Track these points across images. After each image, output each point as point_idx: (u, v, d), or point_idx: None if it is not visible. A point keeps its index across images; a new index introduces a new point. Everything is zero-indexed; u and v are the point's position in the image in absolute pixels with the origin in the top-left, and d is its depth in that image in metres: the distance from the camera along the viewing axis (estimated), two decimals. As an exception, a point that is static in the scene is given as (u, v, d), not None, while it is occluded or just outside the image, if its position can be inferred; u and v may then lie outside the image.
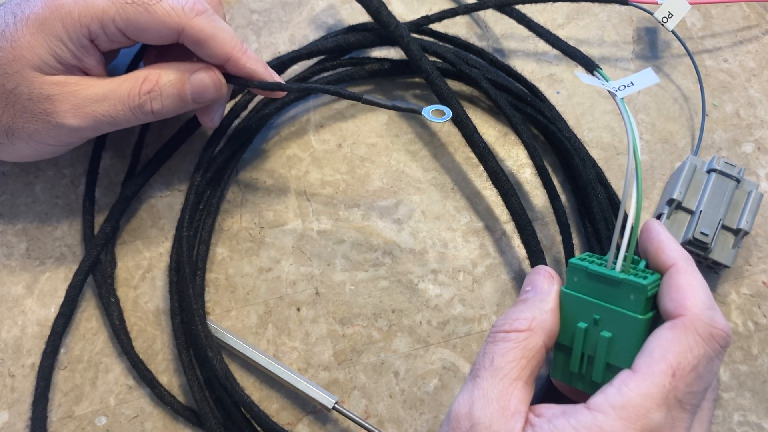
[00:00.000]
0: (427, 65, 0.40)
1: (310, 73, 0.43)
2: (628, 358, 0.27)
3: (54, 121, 0.34)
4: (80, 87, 0.34)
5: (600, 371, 0.28)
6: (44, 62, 0.33)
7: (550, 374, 0.30)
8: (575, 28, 0.45)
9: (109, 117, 0.34)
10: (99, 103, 0.34)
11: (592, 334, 0.29)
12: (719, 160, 0.38)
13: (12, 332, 0.39)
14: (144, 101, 0.35)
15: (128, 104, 0.34)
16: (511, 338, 0.28)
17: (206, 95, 0.36)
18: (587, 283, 0.29)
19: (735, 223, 0.37)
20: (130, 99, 0.34)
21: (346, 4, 0.43)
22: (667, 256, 0.29)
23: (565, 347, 0.29)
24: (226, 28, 0.35)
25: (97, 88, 0.34)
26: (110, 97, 0.34)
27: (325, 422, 0.37)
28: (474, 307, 0.39)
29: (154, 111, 0.35)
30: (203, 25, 0.34)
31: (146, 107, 0.35)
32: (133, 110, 0.35)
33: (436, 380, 0.38)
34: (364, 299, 0.39)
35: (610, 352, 0.28)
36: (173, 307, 0.38)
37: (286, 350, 0.39)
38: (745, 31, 0.45)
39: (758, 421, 0.36)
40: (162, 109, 0.35)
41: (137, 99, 0.35)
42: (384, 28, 0.41)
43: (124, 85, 0.34)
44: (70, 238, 0.41)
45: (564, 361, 0.30)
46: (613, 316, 0.28)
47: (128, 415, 0.38)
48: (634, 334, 0.27)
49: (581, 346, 0.29)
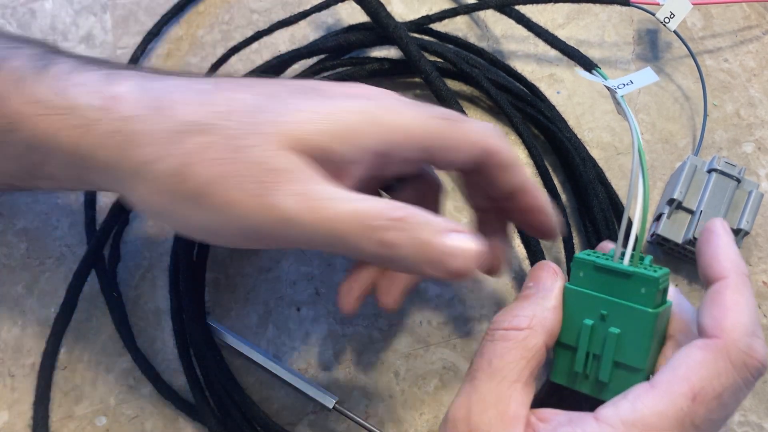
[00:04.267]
0: (426, 65, 0.40)
1: (311, 73, 0.43)
2: (637, 355, 0.27)
3: (269, 200, 0.26)
4: (319, 182, 0.26)
5: (607, 370, 0.28)
6: (308, 142, 0.27)
7: (550, 377, 0.30)
8: (575, 28, 0.45)
9: (331, 225, 0.26)
10: (330, 201, 0.26)
11: (598, 331, 0.28)
12: (720, 160, 0.38)
13: (12, 332, 0.39)
14: (385, 225, 0.26)
15: (362, 220, 0.26)
16: (510, 337, 0.27)
17: (453, 263, 0.26)
18: (594, 278, 0.28)
19: (735, 223, 0.37)
20: (370, 215, 0.26)
21: (346, 4, 0.43)
22: (721, 266, 0.26)
23: (569, 347, 0.29)
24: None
25: (335, 191, 0.27)
26: (345, 204, 0.26)
27: (325, 422, 0.37)
28: (474, 307, 0.39)
29: (385, 242, 0.26)
30: (508, 146, 0.30)
31: (384, 235, 0.26)
32: (361, 229, 0.26)
33: (437, 380, 0.38)
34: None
35: (619, 349, 0.27)
36: (173, 308, 0.38)
37: (286, 350, 0.39)
38: (745, 31, 0.45)
39: (759, 421, 0.36)
40: (395, 246, 0.26)
41: (378, 220, 0.26)
42: (383, 28, 0.41)
43: (368, 201, 0.26)
44: (70, 238, 0.41)
45: (567, 362, 0.29)
46: (623, 311, 0.27)
47: (128, 415, 0.38)
48: (645, 329, 0.27)
49: (587, 344, 0.28)
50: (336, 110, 0.27)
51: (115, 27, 0.47)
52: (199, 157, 0.26)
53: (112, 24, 0.47)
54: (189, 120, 0.27)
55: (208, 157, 0.26)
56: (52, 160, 0.29)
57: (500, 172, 0.30)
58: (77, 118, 0.27)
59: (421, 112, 0.29)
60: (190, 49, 0.46)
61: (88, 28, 0.47)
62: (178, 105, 0.27)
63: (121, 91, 0.28)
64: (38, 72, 0.29)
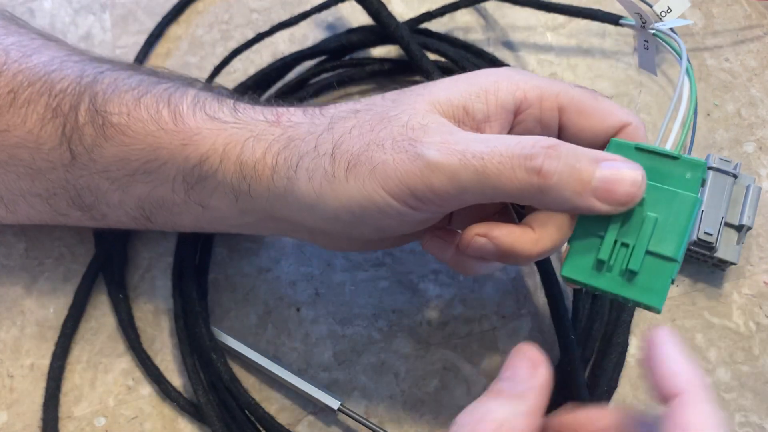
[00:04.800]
0: (428, 65, 0.40)
1: (311, 75, 0.43)
2: (672, 244, 0.25)
3: (413, 151, 0.26)
4: (460, 131, 0.28)
5: (639, 257, 0.26)
6: (449, 102, 0.29)
7: (561, 272, 0.28)
8: (576, 26, 0.45)
9: (479, 163, 0.26)
10: (477, 142, 0.26)
11: (634, 217, 0.26)
12: (714, 158, 0.38)
13: (11, 332, 0.39)
14: (537, 153, 0.26)
15: (515, 151, 0.26)
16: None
17: (618, 190, 0.26)
18: (633, 159, 0.26)
19: (737, 219, 0.37)
20: (520, 146, 0.26)
21: (347, 3, 0.43)
22: (673, 381, 0.23)
23: (590, 236, 0.27)
24: None
25: (478, 134, 0.28)
26: (492, 141, 0.26)
27: (325, 423, 0.37)
28: (474, 307, 0.39)
29: (543, 171, 0.25)
30: (644, 129, 0.29)
31: (537, 162, 0.25)
32: (516, 161, 0.26)
33: (437, 381, 0.38)
34: (364, 299, 0.39)
35: (655, 237, 0.26)
36: (176, 311, 0.38)
37: (285, 351, 0.38)
38: (746, 30, 0.45)
39: (760, 421, 0.36)
40: (554, 175, 0.25)
41: (531, 149, 0.26)
42: (384, 28, 0.41)
43: (513, 137, 0.27)
44: (70, 238, 0.41)
45: (585, 254, 0.27)
46: (664, 195, 0.26)
47: (127, 415, 0.37)
48: (685, 217, 0.25)
49: (617, 231, 0.26)
50: (472, 77, 0.30)
51: (114, 26, 0.47)
52: (348, 136, 0.28)
53: (111, 23, 0.47)
54: (338, 114, 0.30)
55: (356, 133, 0.28)
56: (218, 174, 0.31)
57: None
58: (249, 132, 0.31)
59: (557, 81, 0.30)
60: (189, 49, 0.46)
61: (87, 28, 0.47)
62: (328, 109, 0.31)
63: (281, 110, 0.32)
64: (215, 98, 0.33)
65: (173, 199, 0.32)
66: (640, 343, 0.37)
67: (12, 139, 0.32)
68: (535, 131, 0.30)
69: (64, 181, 0.33)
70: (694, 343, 0.38)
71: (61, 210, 0.34)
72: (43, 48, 0.34)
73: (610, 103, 0.30)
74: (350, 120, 0.29)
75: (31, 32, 0.36)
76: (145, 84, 0.32)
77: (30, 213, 0.35)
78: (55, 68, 0.33)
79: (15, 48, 0.34)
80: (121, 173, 0.32)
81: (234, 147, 0.30)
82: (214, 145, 0.30)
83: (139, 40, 0.46)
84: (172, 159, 0.31)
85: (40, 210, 0.35)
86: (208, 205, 0.32)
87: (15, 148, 0.32)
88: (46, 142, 0.32)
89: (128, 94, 0.32)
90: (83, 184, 0.33)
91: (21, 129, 0.32)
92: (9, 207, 0.35)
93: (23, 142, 0.32)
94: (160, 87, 0.32)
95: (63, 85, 0.32)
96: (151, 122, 0.31)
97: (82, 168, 0.32)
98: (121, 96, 0.32)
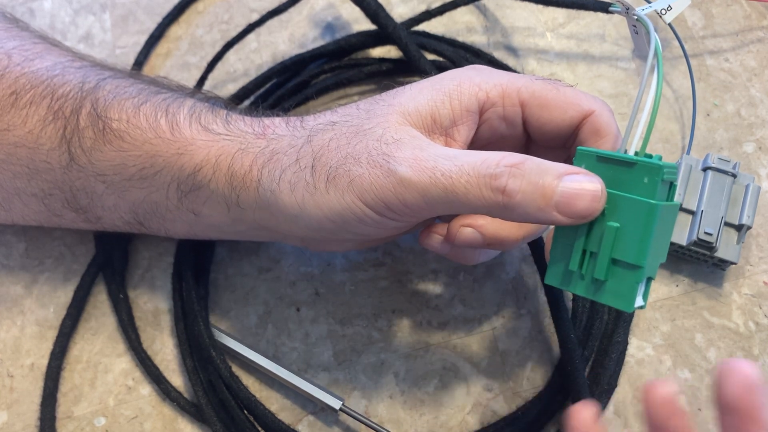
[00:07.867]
0: (426, 65, 0.40)
1: (310, 77, 0.43)
2: (636, 251, 0.25)
3: (387, 167, 0.28)
4: (431, 145, 0.29)
5: (603, 267, 0.26)
6: (417, 112, 0.30)
7: (544, 279, 0.28)
8: (576, 27, 0.45)
9: (447, 181, 0.27)
10: (445, 160, 0.28)
11: (596, 226, 0.26)
12: (713, 157, 0.38)
13: (11, 332, 0.39)
14: (501, 172, 0.27)
15: (479, 170, 0.27)
16: None
17: (577, 205, 0.26)
18: (595, 170, 0.27)
19: (737, 219, 0.37)
20: (486, 165, 0.27)
21: (346, 3, 0.43)
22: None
23: (565, 247, 0.27)
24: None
25: (448, 150, 0.29)
26: (460, 158, 0.28)
27: (325, 423, 0.37)
28: (474, 307, 0.39)
29: (507, 190, 0.26)
30: (610, 115, 0.30)
31: (501, 181, 0.26)
32: (482, 180, 0.27)
33: (437, 381, 0.38)
34: (364, 299, 0.39)
35: (617, 245, 0.26)
36: (176, 311, 0.38)
37: (285, 350, 0.38)
38: (746, 30, 0.45)
39: (760, 421, 0.36)
40: (517, 194, 0.27)
41: (495, 168, 0.27)
42: (382, 29, 0.41)
43: (480, 154, 0.28)
44: (70, 238, 0.41)
45: (562, 263, 0.27)
46: (623, 203, 0.26)
47: (127, 415, 0.37)
48: (645, 223, 0.25)
49: (584, 241, 0.27)
50: (435, 82, 0.31)
51: (114, 26, 0.47)
52: (327, 149, 0.29)
53: (111, 23, 0.47)
54: (317, 127, 0.31)
55: (334, 146, 0.29)
56: (210, 184, 0.32)
57: (595, 137, 0.30)
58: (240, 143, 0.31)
59: (518, 76, 0.31)
60: (189, 49, 0.46)
61: (87, 28, 0.47)
62: (308, 121, 0.32)
63: (267, 122, 0.32)
64: (209, 110, 0.33)
65: (167, 206, 0.33)
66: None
67: (11, 138, 0.33)
68: (501, 128, 0.32)
69: (61, 182, 0.33)
70: (694, 343, 0.38)
71: (56, 211, 0.35)
72: (45, 53, 0.35)
73: (573, 93, 0.31)
74: (328, 132, 0.30)
75: (33, 36, 0.37)
76: (145, 93, 0.33)
77: (25, 212, 0.36)
78: (57, 73, 0.34)
79: (17, 52, 0.35)
80: (117, 178, 0.33)
81: (225, 158, 0.31)
82: (208, 155, 0.31)
83: (139, 40, 0.46)
84: (167, 167, 0.32)
85: (35, 210, 0.35)
86: (201, 213, 0.33)
87: (14, 146, 0.33)
88: (46, 143, 0.33)
89: (128, 102, 0.33)
90: (79, 186, 0.33)
91: (21, 129, 0.33)
92: (4, 205, 0.35)
93: (23, 142, 0.33)
94: (159, 97, 0.33)
95: (65, 90, 0.33)
96: (149, 130, 0.32)
97: (79, 170, 0.33)
98: (122, 103, 0.33)
